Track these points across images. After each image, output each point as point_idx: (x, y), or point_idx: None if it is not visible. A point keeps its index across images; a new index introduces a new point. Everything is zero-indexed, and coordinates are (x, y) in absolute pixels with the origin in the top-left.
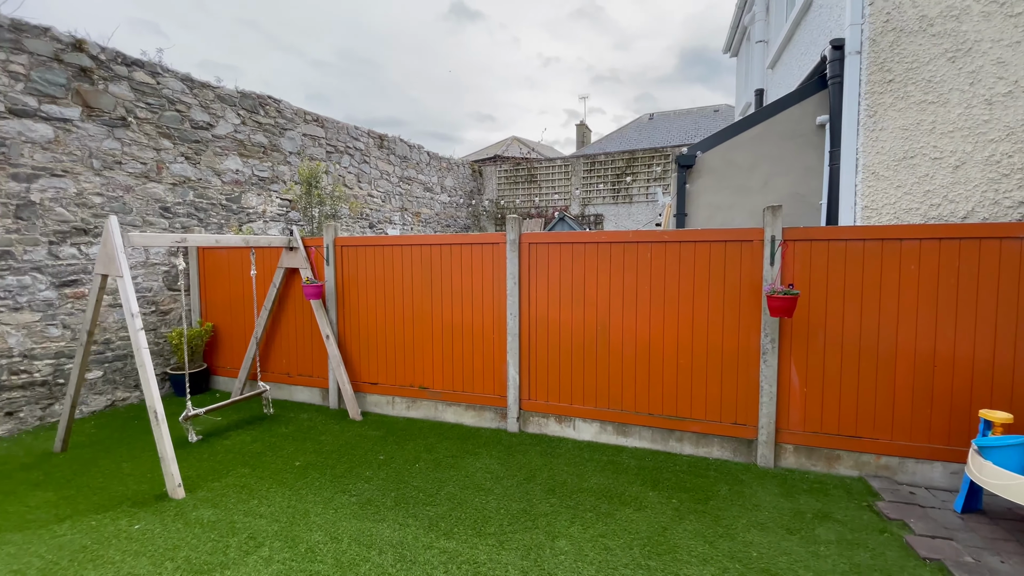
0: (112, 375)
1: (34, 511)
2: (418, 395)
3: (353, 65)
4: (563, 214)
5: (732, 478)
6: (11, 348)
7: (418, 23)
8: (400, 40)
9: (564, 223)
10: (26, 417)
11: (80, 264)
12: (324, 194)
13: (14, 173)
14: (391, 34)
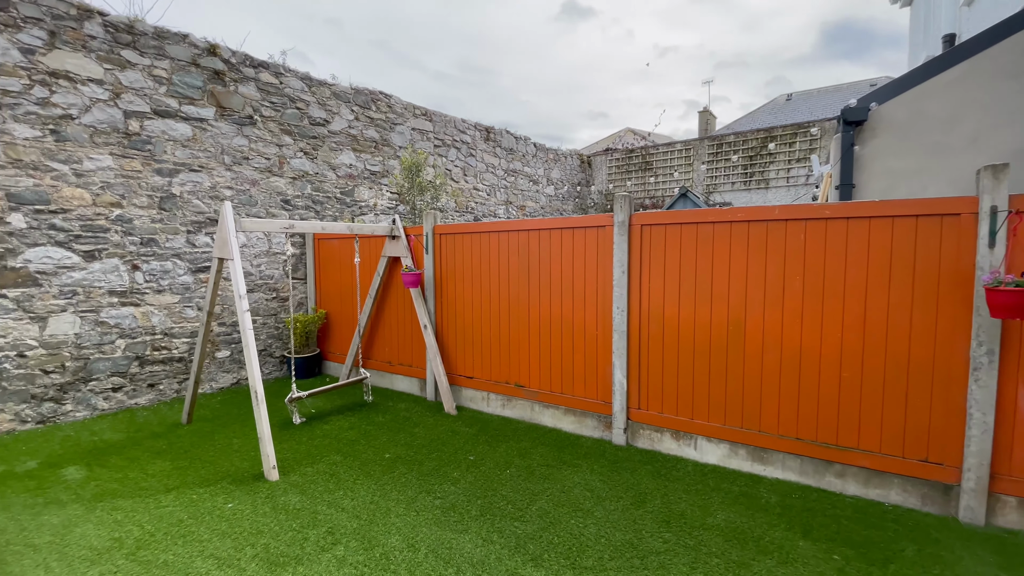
0: (238, 355)
1: (149, 479)
2: (514, 393)
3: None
4: (685, 189)
5: (921, 535)
6: (154, 326)
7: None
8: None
9: (686, 200)
10: (165, 389)
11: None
12: (426, 183)
13: (158, 168)
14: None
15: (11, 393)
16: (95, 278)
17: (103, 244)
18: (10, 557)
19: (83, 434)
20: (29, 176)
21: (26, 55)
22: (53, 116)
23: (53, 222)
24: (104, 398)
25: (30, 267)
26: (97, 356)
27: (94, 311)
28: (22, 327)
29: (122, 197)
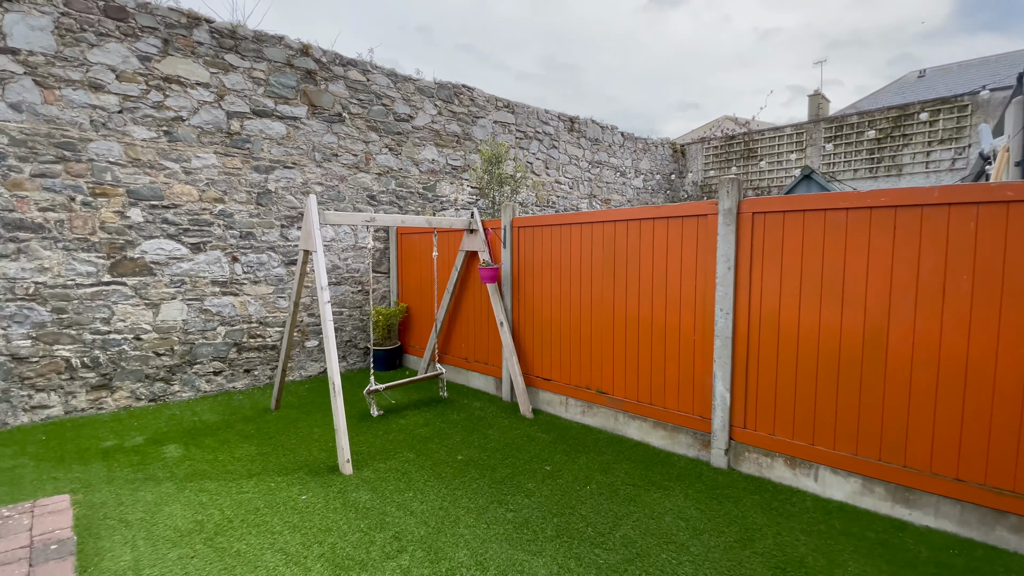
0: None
1: (235, 463)
2: (595, 400)
3: (553, 72)
4: (809, 169)
5: None
6: (251, 315)
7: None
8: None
9: (810, 183)
10: (259, 375)
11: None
12: (505, 175)
13: (256, 165)
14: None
15: (128, 372)
16: (200, 269)
17: (207, 237)
18: (104, 532)
19: (186, 414)
20: (146, 174)
21: (143, 62)
22: (166, 118)
23: (166, 216)
24: (206, 381)
25: (146, 257)
26: (201, 341)
27: (199, 299)
28: (138, 312)
29: (224, 193)
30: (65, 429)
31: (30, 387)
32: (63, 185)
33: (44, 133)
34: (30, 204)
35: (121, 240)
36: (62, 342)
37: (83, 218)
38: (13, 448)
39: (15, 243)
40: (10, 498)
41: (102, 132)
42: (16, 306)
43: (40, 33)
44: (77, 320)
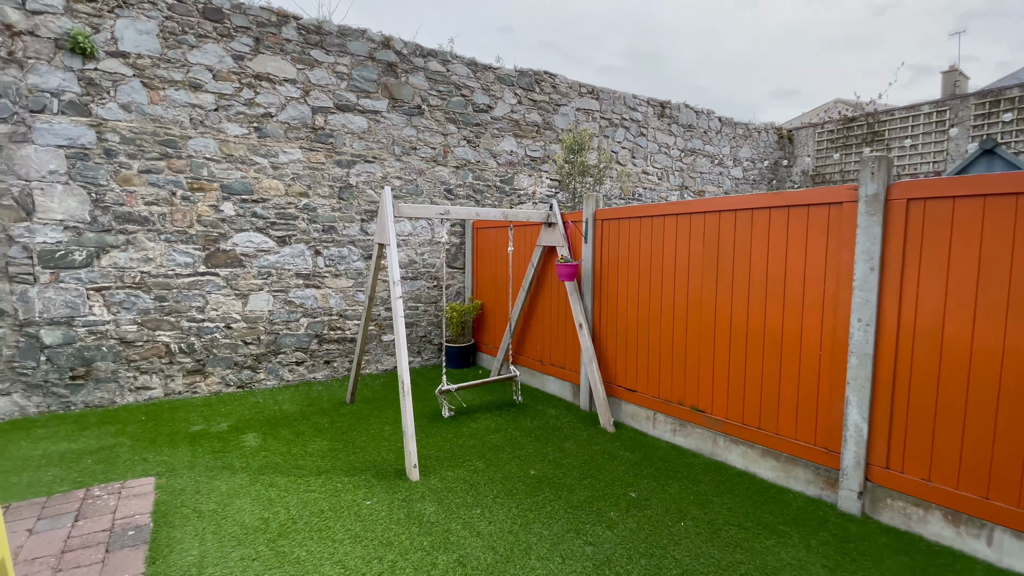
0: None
1: (306, 458)
2: (689, 418)
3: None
4: (992, 142)
5: None
6: (331, 308)
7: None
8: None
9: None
10: (338, 367)
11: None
12: (588, 165)
13: (338, 160)
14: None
15: (219, 359)
16: (285, 261)
17: (292, 230)
18: (178, 521)
19: (268, 402)
20: (238, 169)
21: (237, 61)
22: (256, 115)
23: (255, 210)
24: (289, 370)
25: (236, 250)
26: (285, 332)
27: (284, 291)
28: (229, 302)
29: (308, 188)
30: (163, 410)
31: (135, 369)
32: (165, 180)
33: (150, 131)
34: (137, 198)
35: (215, 233)
36: (163, 328)
37: (182, 212)
38: (116, 426)
39: (124, 235)
40: (104, 477)
41: (199, 129)
42: (125, 293)
43: (147, 37)
44: (176, 308)
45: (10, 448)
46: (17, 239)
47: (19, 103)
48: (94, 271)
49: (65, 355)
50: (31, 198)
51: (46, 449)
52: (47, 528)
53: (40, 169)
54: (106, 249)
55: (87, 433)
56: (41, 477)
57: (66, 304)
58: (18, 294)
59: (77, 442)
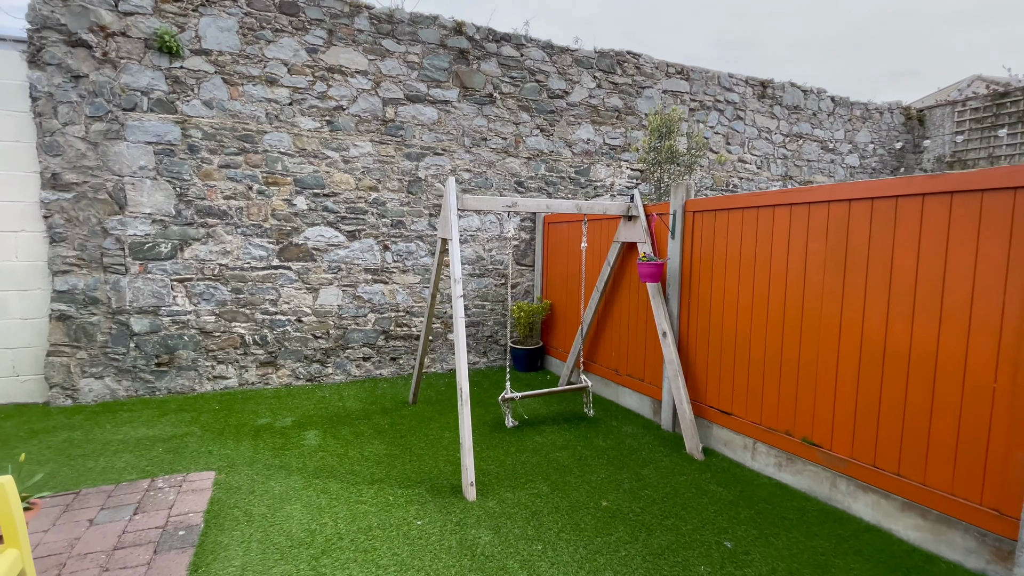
0: (470, 338)
1: (362, 462)
2: (800, 451)
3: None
4: None
5: None
6: (398, 304)
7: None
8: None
9: None
10: (404, 364)
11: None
12: (677, 150)
13: (407, 153)
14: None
15: (290, 352)
16: (355, 256)
17: (362, 225)
18: (228, 523)
19: (333, 398)
20: (310, 163)
21: (310, 54)
22: (328, 108)
23: (326, 204)
24: (356, 366)
25: (308, 244)
26: (353, 327)
27: (352, 286)
28: (300, 296)
29: (378, 181)
30: (235, 400)
31: (213, 359)
32: (242, 175)
33: (229, 127)
34: (217, 193)
35: (288, 227)
36: (238, 320)
37: (258, 206)
38: (191, 414)
39: (205, 228)
40: (170, 468)
41: (275, 124)
42: (205, 285)
43: (227, 34)
44: (251, 300)
45: (95, 431)
46: (111, 231)
47: (113, 102)
48: (177, 263)
49: (151, 343)
50: (123, 192)
51: (126, 435)
52: (107, 520)
53: (131, 165)
54: (188, 242)
55: (164, 420)
56: (115, 463)
57: (153, 294)
58: (111, 283)
59: (154, 428)
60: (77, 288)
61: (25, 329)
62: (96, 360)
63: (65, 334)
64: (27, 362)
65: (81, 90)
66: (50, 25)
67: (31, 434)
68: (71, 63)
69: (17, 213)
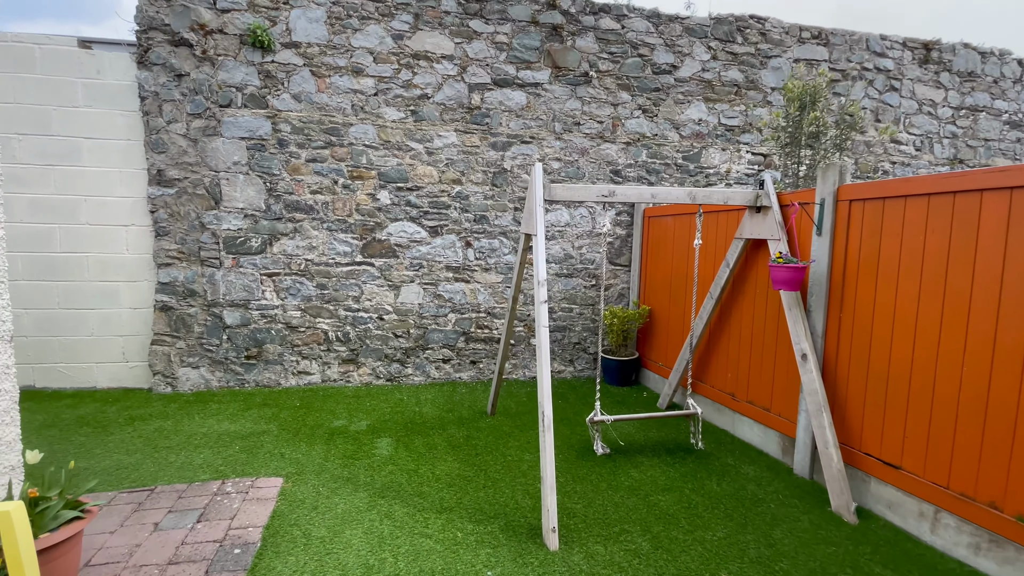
0: (554, 343)
1: (432, 483)
2: (1012, 533)
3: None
4: None
5: None
6: (479, 304)
7: None
8: None
9: None
10: (484, 369)
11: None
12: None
13: (493, 142)
14: None
15: (371, 351)
16: (436, 253)
17: (444, 220)
18: (284, 544)
19: (411, 401)
20: (394, 156)
21: (396, 40)
22: (413, 97)
23: (409, 199)
24: (435, 368)
25: (391, 240)
26: (433, 327)
27: (433, 284)
28: (382, 293)
29: (461, 174)
30: (316, 397)
31: (298, 354)
32: (329, 169)
33: (316, 120)
34: (304, 187)
35: (371, 222)
36: (322, 316)
37: (343, 200)
38: (273, 410)
39: (292, 223)
40: (241, 470)
41: (360, 116)
42: (291, 280)
43: (316, 25)
44: (334, 296)
45: (184, 422)
46: (208, 226)
47: (211, 99)
48: (267, 257)
49: (242, 335)
50: (219, 188)
51: (209, 428)
52: (170, 526)
53: (226, 160)
54: (277, 236)
55: (247, 415)
56: (193, 459)
57: (244, 288)
58: (207, 276)
59: (236, 423)
60: (177, 280)
61: (134, 318)
62: (193, 350)
63: (167, 324)
64: (135, 349)
65: (183, 88)
66: (155, 26)
67: (129, 421)
68: (174, 62)
69: (128, 208)
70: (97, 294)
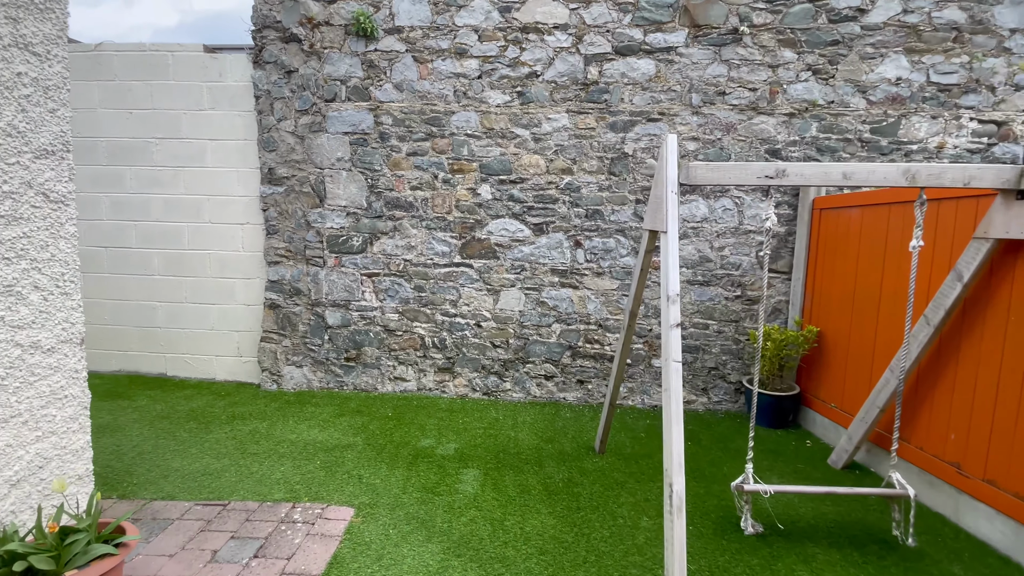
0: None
1: (519, 544)
2: None
3: None
4: None
5: None
6: (589, 314)
7: None
8: None
9: None
10: (592, 390)
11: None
12: None
13: (611, 123)
14: None
15: (468, 360)
16: (540, 254)
17: (551, 216)
18: None
19: (507, 422)
20: (497, 145)
21: (503, 14)
22: (520, 76)
23: (512, 193)
24: (537, 384)
25: (491, 239)
26: (535, 338)
27: (536, 289)
28: (481, 298)
29: (572, 162)
30: (409, 408)
31: (394, 359)
32: (429, 163)
33: (417, 110)
34: (404, 183)
35: (471, 220)
36: (419, 320)
37: (442, 196)
38: (363, 419)
39: (392, 221)
40: (315, 493)
41: (462, 102)
42: (390, 281)
43: (419, 6)
44: (431, 300)
45: (277, 426)
46: (313, 224)
47: (317, 93)
48: (367, 257)
49: (342, 336)
50: (323, 185)
51: (299, 436)
52: (226, 558)
53: (330, 156)
54: (377, 235)
55: (338, 422)
56: (273, 473)
57: (345, 288)
58: (311, 275)
59: (325, 431)
60: (284, 279)
61: (248, 314)
62: (297, 349)
63: (274, 322)
64: (247, 345)
65: (292, 85)
66: (269, 24)
67: (229, 419)
68: (284, 59)
69: (244, 207)
70: (217, 290)
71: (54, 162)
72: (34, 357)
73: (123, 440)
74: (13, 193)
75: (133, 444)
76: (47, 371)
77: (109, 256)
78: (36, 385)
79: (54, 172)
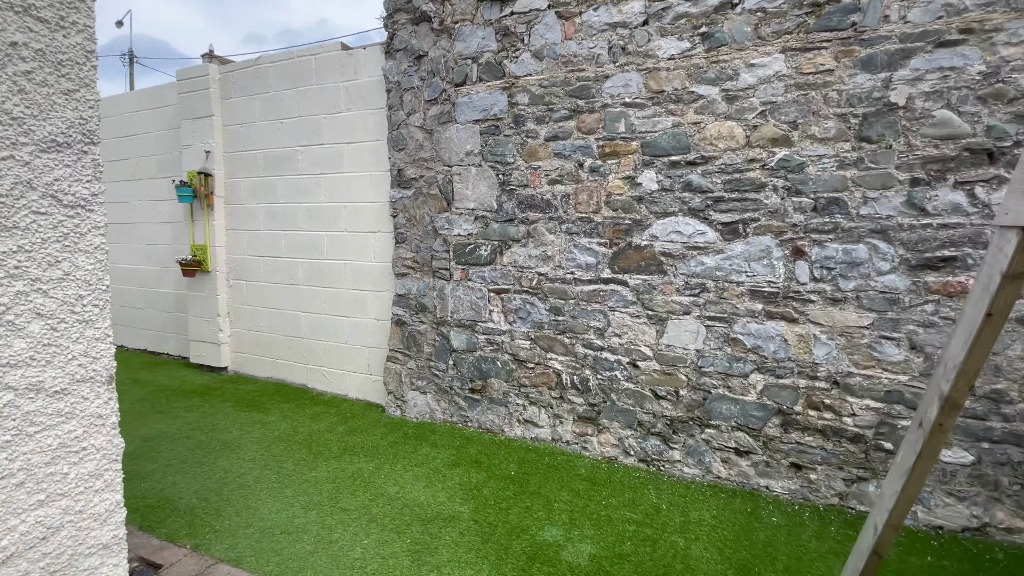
0: (985, 466)
1: None
2: None
3: None
4: None
5: None
6: (816, 364)
7: None
8: None
9: None
10: (818, 482)
11: (965, 229)
12: None
13: (866, 57)
14: None
15: (618, 411)
16: (732, 267)
17: (750, 211)
18: None
19: (672, 517)
20: (668, 112)
21: None
22: (705, 11)
23: (689, 179)
24: (722, 460)
25: (654, 245)
26: (721, 392)
27: (724, 320)
28: (638, 327)
29: (791, 126)
30: (537, 468)
31: (525, 396)
32: (572, 147)
33: (560, 81)
34: (541, 177)
35: (627, 220)
36: (555, 351)
37: (588, 190)
38: (481, 475)
39: (525, 224)
40: None
41: (620, 61)
42: (521, 299)
43: None
44: (571, 326)
45: (383, 469)
46: (440, 231)
47: (446, 78)
48: (496, 270)
49: (467, 363)
50: (451, 185)
51: (400, 490)
52: None
53: (459, 151)
54: (508, 243)
55: (451, 475)
56: (352, 549)
57: (471, 305)
58: (437, 290)
59: (432, 488)
60: (411, 293)
61: (378, 330)
62: (422, 372)
63: (400, 340)
64: (377, 362)
65: (422, 72)
66: (399, 7)
67: (340, 452)
68: (414, 43)
69: (375, 214)
70: (351, 302)
71: (69, 157)
72: (34, 402)
73: (234, 465)
74: (1, 196)
75: (240, 472)
76: (54, 418)
77: (265, 265)
78: (37, 437)
79: (69, 169)
